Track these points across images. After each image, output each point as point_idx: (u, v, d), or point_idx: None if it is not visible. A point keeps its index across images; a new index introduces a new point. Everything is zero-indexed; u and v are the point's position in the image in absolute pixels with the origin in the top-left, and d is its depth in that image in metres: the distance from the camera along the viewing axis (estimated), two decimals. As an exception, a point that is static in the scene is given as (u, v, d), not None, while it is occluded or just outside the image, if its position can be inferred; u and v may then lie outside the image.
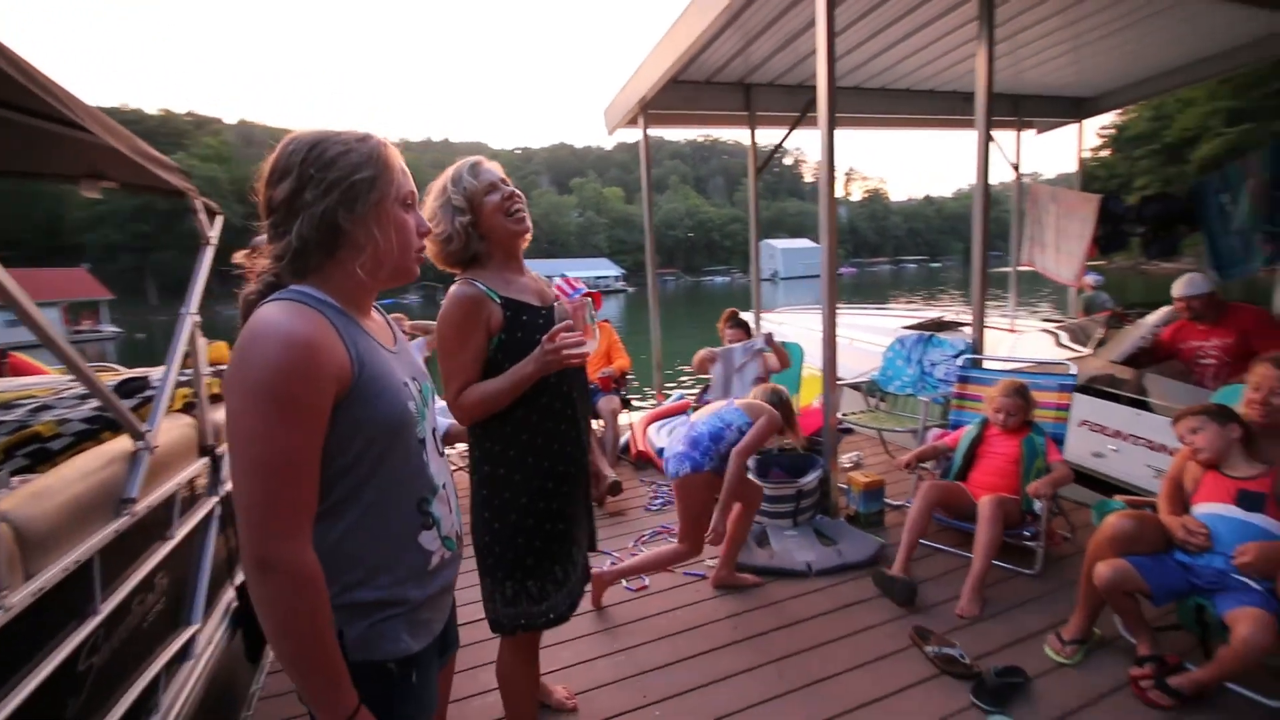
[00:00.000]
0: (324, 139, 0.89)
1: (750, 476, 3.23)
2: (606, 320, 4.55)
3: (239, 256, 1.05)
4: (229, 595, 2.03)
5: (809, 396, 3.98)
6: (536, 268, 1.60)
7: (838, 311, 3.15)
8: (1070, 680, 1.99)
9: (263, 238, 0.94)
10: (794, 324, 6.15)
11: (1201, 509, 1.95)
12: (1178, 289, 3.43)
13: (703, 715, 1.92)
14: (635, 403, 5.05)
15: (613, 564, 2.85)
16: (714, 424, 2.49)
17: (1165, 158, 34.05)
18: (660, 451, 4.22)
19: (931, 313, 6.66)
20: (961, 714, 1.86)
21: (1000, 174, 6.94)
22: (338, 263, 0.90)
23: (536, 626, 1.46)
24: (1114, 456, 3.35)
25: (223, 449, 2.04)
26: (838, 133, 3.06)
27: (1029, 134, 7.22)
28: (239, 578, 2.10)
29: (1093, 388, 3.67)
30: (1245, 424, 1.95)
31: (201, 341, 2.02)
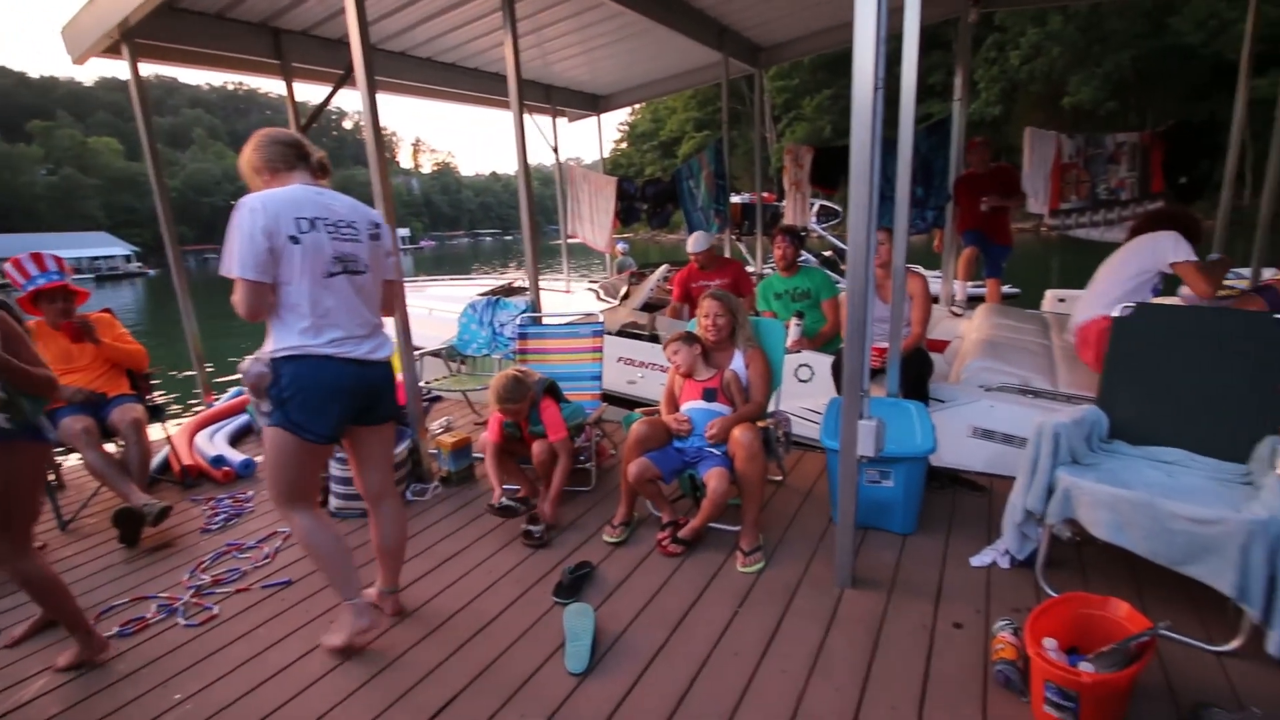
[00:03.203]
0: None
1: (331, 460, 3.02)
2: (107, 310, 3.51)
3: None
4: None
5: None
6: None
7: (419, 284, 3.16)
8: (622, 556, 2.54)
9: None
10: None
11: (684, 406, 2.69)
12: (690, 245, 4.53)
13: (301, 722, 1.77)
14: (171, 408, 4.08)
15: (159, 609, 2.34)
16: None
17: (663, 151, 43.82)
18: (216, 460, 3.55)
19: (505, 280, 7.21)
20: (549, 614, 2.18)
21: (549, 155, 7.87)
22: None
23: None
24: (641, 381, 4.30)
25: None
26: (398, 100, 3.00)
27: (562, 121, 8.36)
28: None
29: (625, 331, 4.60)
30: (702, 342, 2.75)
31: None
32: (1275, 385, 2.07)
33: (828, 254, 9.22)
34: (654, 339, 4.34)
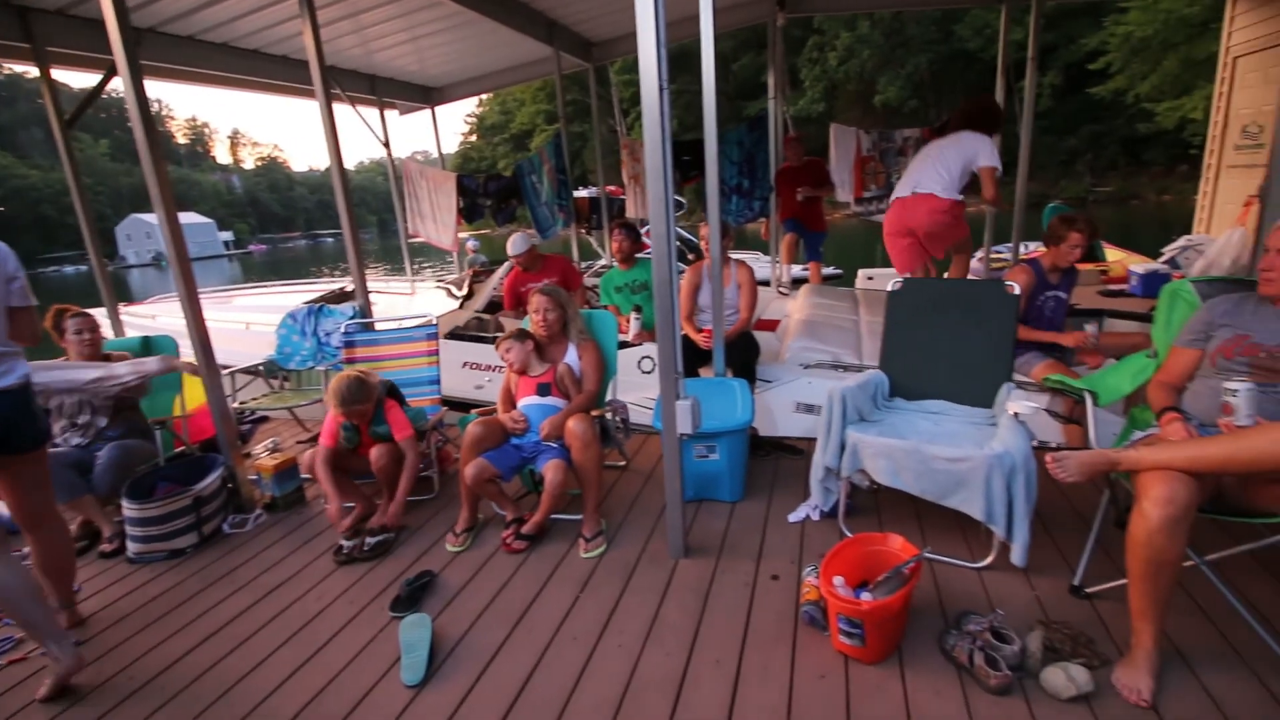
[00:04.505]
0: None
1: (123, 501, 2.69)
2: None
3: None
4: None
5: (198, 395, 3.49)
6: None
7: (235, 294, 2.86)
8: (467, 560, 2.50)
9: None
10: (173, 315, 5.22)
11: (520, 403, 2.71)
12: (510, 248, 4.48)
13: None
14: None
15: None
16: None
17: (515, 144, 42.97)
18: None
19: (342, 284, 6.72)
20: (386, 631, 2.11)
21: (394, 150, 7.42)
22: None
23: None
24: (490, 385, 4.23)
25: None
26: (208, 90, 2.68)
27: (395, 114, 7.92)
28: None
29: (468, 334, 4.49)
30: (535, 338, 2.77)
31: None
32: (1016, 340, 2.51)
33: (675, 244, 9.58)
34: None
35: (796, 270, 6.44)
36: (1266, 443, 1.54)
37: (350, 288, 5.84)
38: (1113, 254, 6.79)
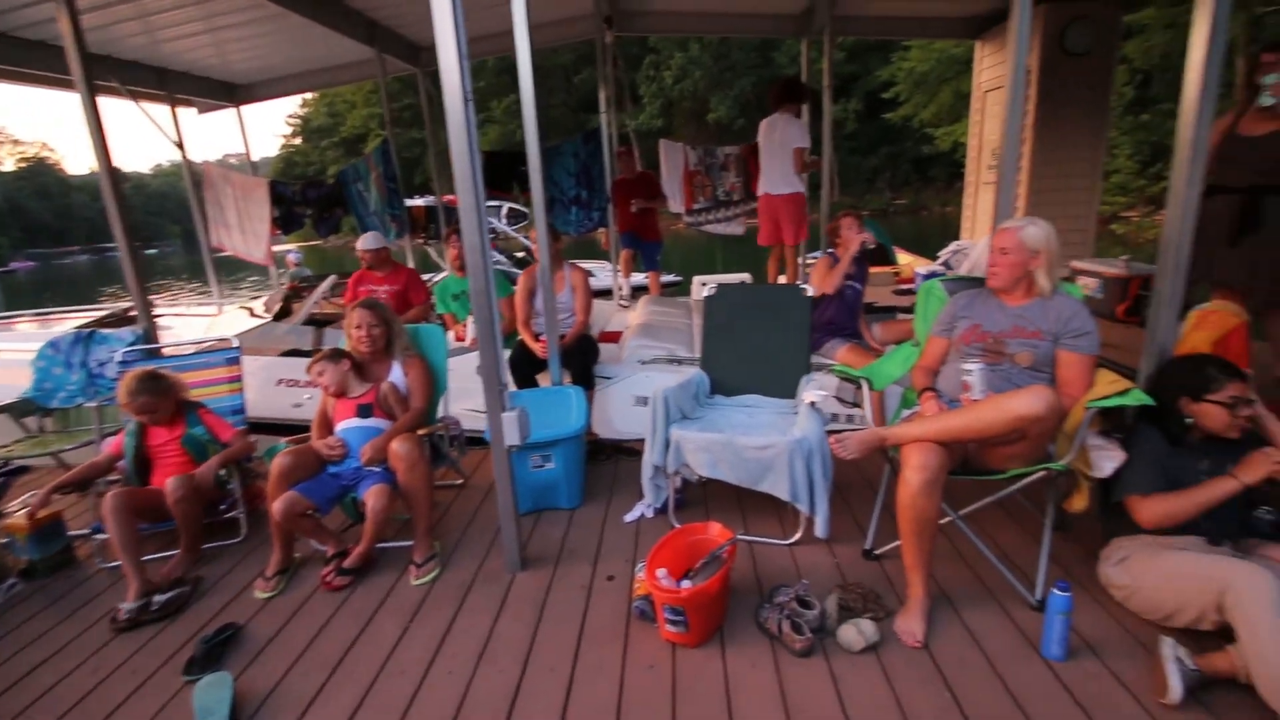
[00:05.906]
0: None
1: None
2: None
3: None
4: None
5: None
6: None
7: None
8: (279, 606, 2.28)
9: None
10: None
11: (339, 427, 2.53)
12: (360, 243, 4.24)
13: None
14: None
15: None
16: None
17: (346, 149, 39.92)
18: None
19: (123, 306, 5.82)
20: (177, 699, 1.86)
21: (203, 152, 6.55)
22: None
23: None
24: (310, 402, 3.90)
25: None
26: None
27: (192, 112, 7.05)
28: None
29: (297, 350, 4.12)
30: (353, 357, 2.61)
31: None
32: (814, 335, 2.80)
33: (520, 254, 9.52)
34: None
35: (638, 279, 6.67)
36: (992, 413, 1.87)
37: (135, 310, 5.08)
38: (903, 257, 7.81)
